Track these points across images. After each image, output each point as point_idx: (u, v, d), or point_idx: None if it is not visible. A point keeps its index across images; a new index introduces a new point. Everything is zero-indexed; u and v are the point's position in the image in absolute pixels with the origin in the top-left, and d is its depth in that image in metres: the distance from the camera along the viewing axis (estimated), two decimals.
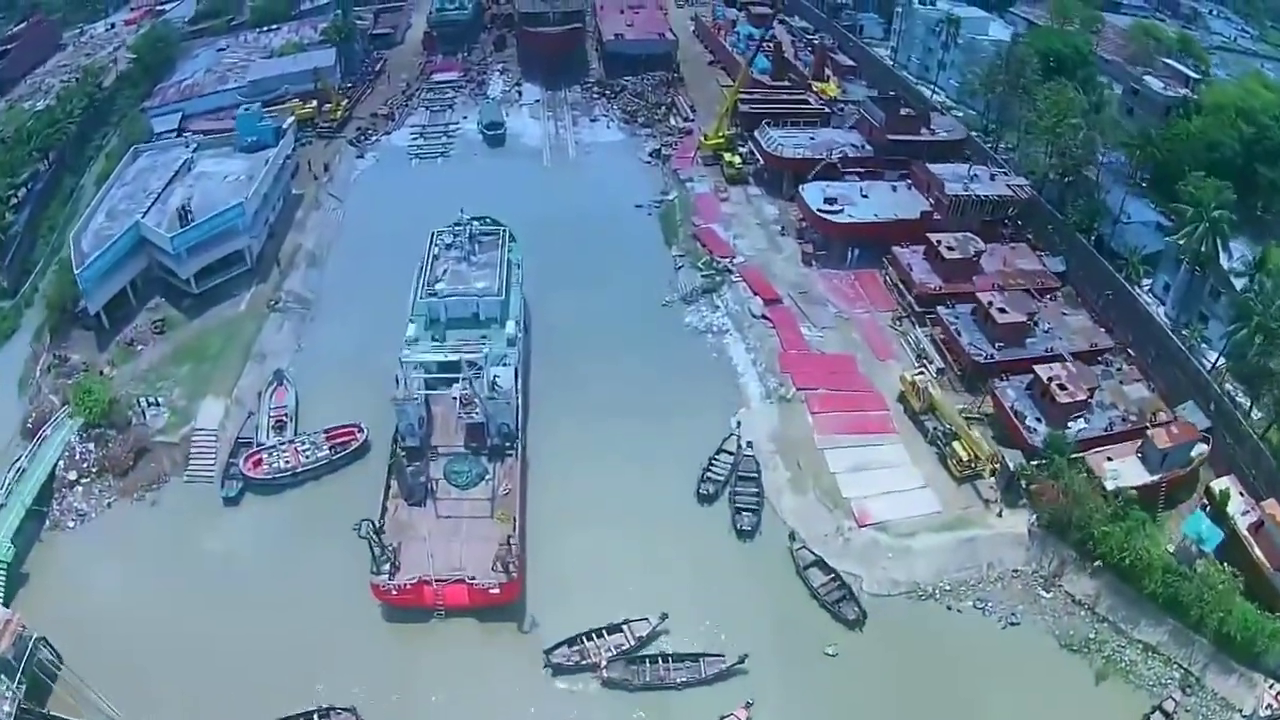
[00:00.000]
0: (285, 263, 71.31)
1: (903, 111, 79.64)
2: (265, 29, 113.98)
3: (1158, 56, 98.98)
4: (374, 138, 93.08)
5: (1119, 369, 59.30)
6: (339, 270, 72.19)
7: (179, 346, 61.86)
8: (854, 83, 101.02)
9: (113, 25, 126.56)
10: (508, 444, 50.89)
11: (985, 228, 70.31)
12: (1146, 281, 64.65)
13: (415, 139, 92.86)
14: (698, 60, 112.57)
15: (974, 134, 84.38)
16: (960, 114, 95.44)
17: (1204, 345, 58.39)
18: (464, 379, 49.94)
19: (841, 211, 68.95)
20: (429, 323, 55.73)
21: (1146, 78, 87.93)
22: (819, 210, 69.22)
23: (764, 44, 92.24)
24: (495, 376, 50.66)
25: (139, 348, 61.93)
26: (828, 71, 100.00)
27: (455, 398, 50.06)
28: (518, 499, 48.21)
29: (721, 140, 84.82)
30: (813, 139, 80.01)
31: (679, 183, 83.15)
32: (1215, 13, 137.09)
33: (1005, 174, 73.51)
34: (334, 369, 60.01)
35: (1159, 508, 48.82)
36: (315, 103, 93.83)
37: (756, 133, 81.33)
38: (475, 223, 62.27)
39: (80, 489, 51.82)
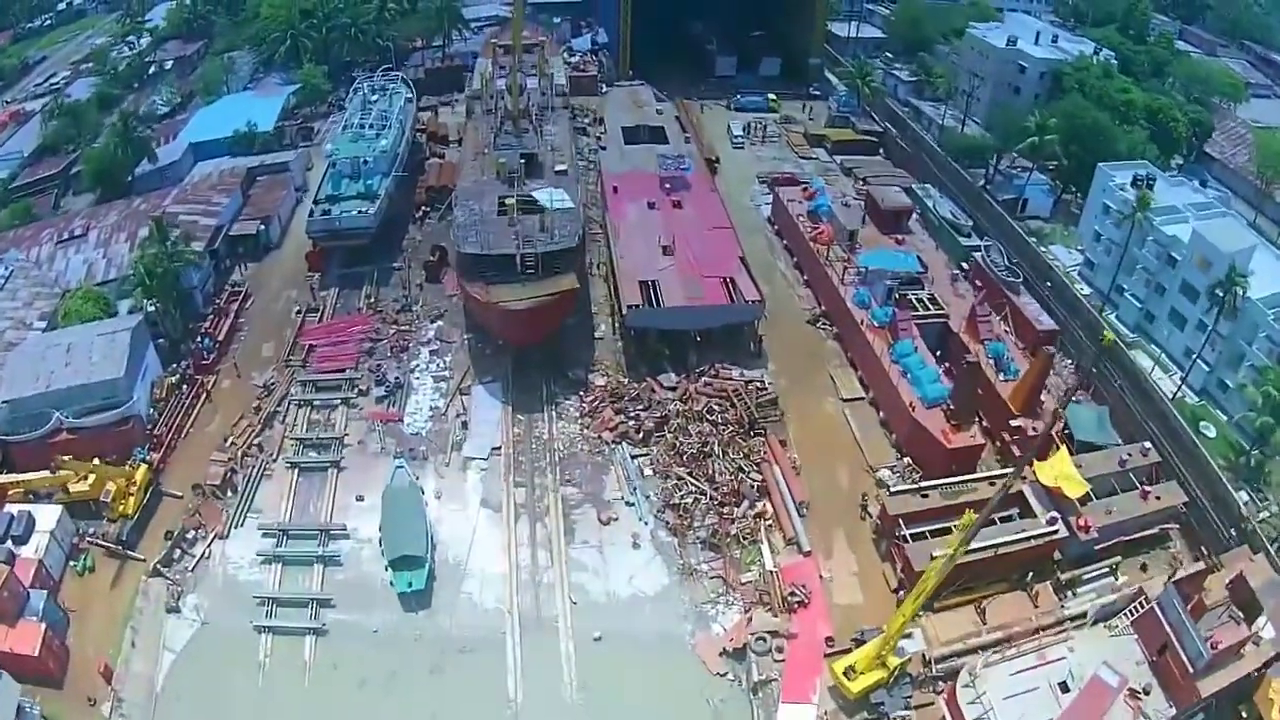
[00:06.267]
0: None
1: (1228, 637, 36.08)
2: (66, 237, 71.81)
3: None
4: (200, 550, 49.16)
5: None
6: None
7: None
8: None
9: None
10: None
11: None
12: None
13: (266, 561, 48.83)
14: (785, 303, 64.00)
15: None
16: (1212, 432, 54.24)
17: None
18: None
19: None
20: None
21: None
22: None
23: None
24: None
25: None
26: (1046, 393, 51.73)
27: None
28: None
29: (882, 677, 40.62)
30: (1064, 686, 37.09)
31: None
32: None
33: None
34: None
35: None
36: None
37: (961, 695, 37.69)
38: None
39: None
